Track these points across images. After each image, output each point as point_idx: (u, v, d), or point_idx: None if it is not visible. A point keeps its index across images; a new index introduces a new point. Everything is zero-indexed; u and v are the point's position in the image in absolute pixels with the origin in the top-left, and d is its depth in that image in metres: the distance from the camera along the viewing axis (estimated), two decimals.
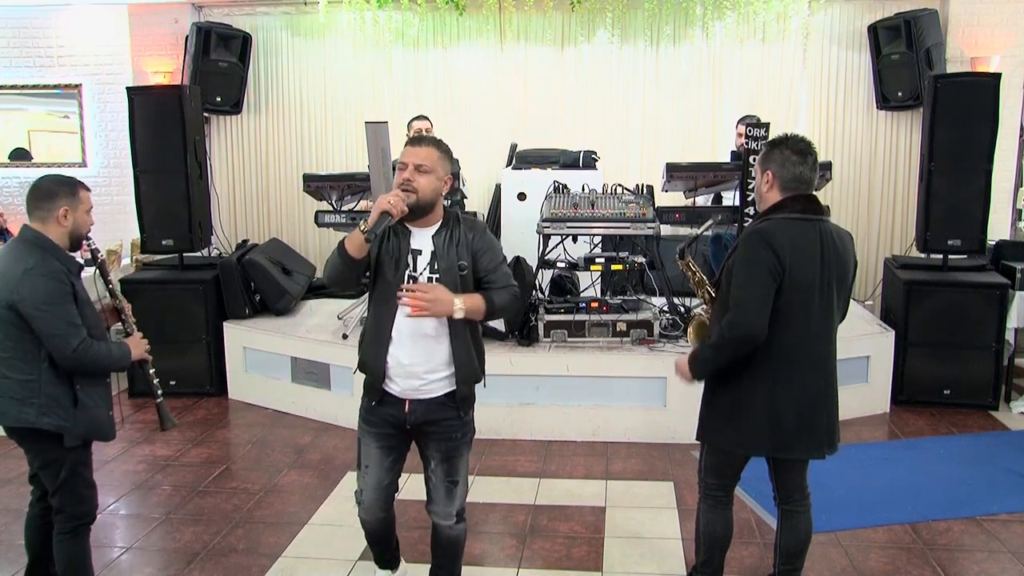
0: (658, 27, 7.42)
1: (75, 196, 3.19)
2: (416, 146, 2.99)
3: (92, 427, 3.15)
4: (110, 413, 3.25)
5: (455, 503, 3.14)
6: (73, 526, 3.18)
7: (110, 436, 3.27)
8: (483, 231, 3.09)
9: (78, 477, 3.16)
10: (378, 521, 3.24)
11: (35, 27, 7.67)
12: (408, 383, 3.01)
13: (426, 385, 3.01)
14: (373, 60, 7.70)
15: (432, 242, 3.00)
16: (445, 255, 2.98)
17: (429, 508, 3.18)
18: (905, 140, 7.30)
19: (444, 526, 3.18)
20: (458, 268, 2.98)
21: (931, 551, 3.89)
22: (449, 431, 3.07)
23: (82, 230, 3.24)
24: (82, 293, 3.13)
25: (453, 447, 3.09)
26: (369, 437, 3.12)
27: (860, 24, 7.24)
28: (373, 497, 3.16)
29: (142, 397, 6.21)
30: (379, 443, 3.10)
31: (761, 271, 2.89)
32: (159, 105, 6.21)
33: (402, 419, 3.04)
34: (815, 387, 3.01)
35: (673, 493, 4.53)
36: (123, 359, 3.25)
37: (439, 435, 3.07)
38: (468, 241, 3.02)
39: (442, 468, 3.10)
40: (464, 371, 3.03)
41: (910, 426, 5.50)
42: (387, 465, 3.13)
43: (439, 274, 2.97)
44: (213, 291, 6.18)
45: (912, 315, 5.78)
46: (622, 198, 5.58)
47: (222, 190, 7.91)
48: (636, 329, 5.45)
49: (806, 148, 3.01)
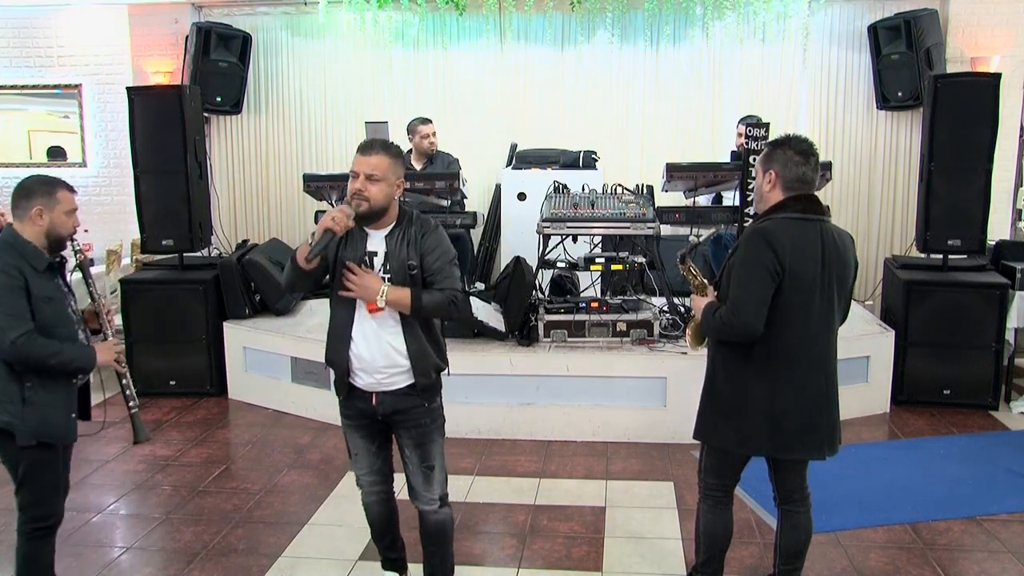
0: (658, 27, 7.42)
1: (52, 196, 3.13)
2: (366, 155, 3.04)
3: (43, 428, 3.07)
4: (72, 415, 3.19)
5: (434, 488, 3.26)
6: (31, 528, 3.14)
7: (66, 439, 3.19)
8: (433, 230, 3.16)
9: (37, 478, 3.12)
10: (380, 501, 3.38)
11: (35, 27, 7.67)
12: (371, 378, 3.13)
13: (387, 379, 3.13)
14: (373, 60, 7.70)
15: (385, 243, 3.10)
16: (396, 255, 3.08)
17: (412, 498, 3.30)
18: (905, 140, 7.30)
19: (428, 511, 3.29)
20: (407, 268, 3.07)
21: (931, 551, 3.89)
22: (417, 418, 3.19)
23: (60, 231, 3.17)
24: (40, 290, 3.05)
25: (424, 433, 3.20)
26: (350, 429, 3.28)
27: (860, 24, 7.24)
28: (369, 478, 3.33)
29: (143, 397, 6.19)
30: (360, 432, 3.27)
31: (760, 271, 2.89)
32: (159, 105, 6.21)
33: (372, 411, 3.18)
34: (816, 387, 3.01)
35: (673, 493, 4.53)
36: (78, 360, 3.14)
37: (408, 423, 3.19)
38: (417, 241, 3.10)
39: (416, 455, 3.22)
40: (420, 363, 3.13)
41: (910, 426, 5.50)
42: (373, 450, 3.30)
43: (391, 274, 3.07)
44: (213, 291, 6.18)
45: (912, 315, 5.78)
46: (622, 198, 5.58)
47: (222, 190, 7.91)
48: (636, 329, 5.45)
49: (808, 149, 3.01)
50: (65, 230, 3.20)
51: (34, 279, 3.04)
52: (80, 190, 7.78)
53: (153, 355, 6.24)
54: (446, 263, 3.14)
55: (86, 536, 4.13)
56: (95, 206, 7.87)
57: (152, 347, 6.24)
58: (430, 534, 3.36)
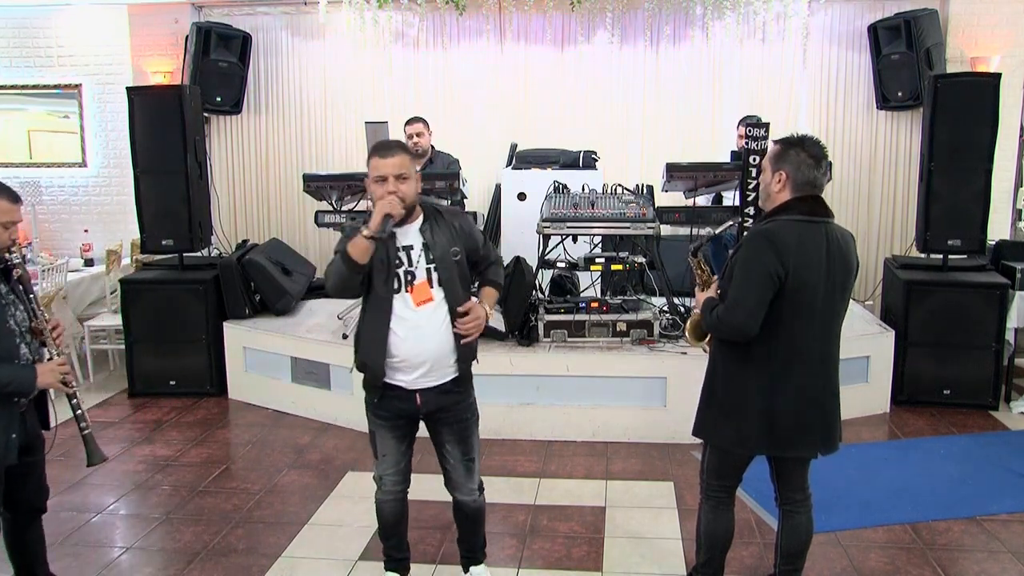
0: (658, 27, 7.42)
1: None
2: (387, 157, 3.09)
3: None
4: (11, 436, 3.01)
5: (475, 478, 3.37)
6: None
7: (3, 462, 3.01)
8: (463, 215, 3.30)
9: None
10: (397, 500, 3.41)
11: (35, 27, 7.66)
12: (415, 375, 3.15)
13: (432, 373, 3.15)
14: (373, 60, 7.70)
15: (420, 235, 3.14)
16: (437, 245, 3.13)
17: (451, 488, 3.39)
18: (905, 140, 7.30)
19: (468, 501, 3.39)
20: (451, 255, 3.14)
21: (931, 551, 3.89)
22: (459, 413, 3.27)
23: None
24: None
25: (465, 427, 3.30)
26: (382, 429, 3.28)
27: (860, 24, 7.24)
28: (393, 478, 3.36)
29: (141, 397, 6.21)
30: (393, 433, 3.28)
31: (761, 273, 2.88)
32: (159, 105, 6.21)
33: (414, 410, 3.22)
34: (815, 388, 3.01)
35: (673, 493, 4.53)
36: (15, 384, 2.97)
37: (451, 419, 3.26)
38: (454, 228, 3.19)
39: (459, 449, 3.30)
40: (464, 352, 3.20)
41: (910, 426, 5.51)
42: (402, 450, 3.33)
43: (435, 263, 3.11)
44: (213, 291, 6.18)
45: (912, 315, 5.78)
46: (622, 198, 5.58)
47: (222, 190, 7.91)
48: (636, 329, 5.45)
49: (821, 153, 2.99)
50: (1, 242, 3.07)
51: None
52: (80, 190, 7.86)
53: (153, 355, 6.24)
54: (482, 237, 3.30)
55: (86, 536, 4.13)
56: (95, 206, 7.88)
57: (152, 347, 6.24)
58: (470, 520, 3.47)
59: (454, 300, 3.14)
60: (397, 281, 3.10)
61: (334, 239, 7.82)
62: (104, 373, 6.88)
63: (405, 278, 3.10)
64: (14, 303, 3.12)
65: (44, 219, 7.80)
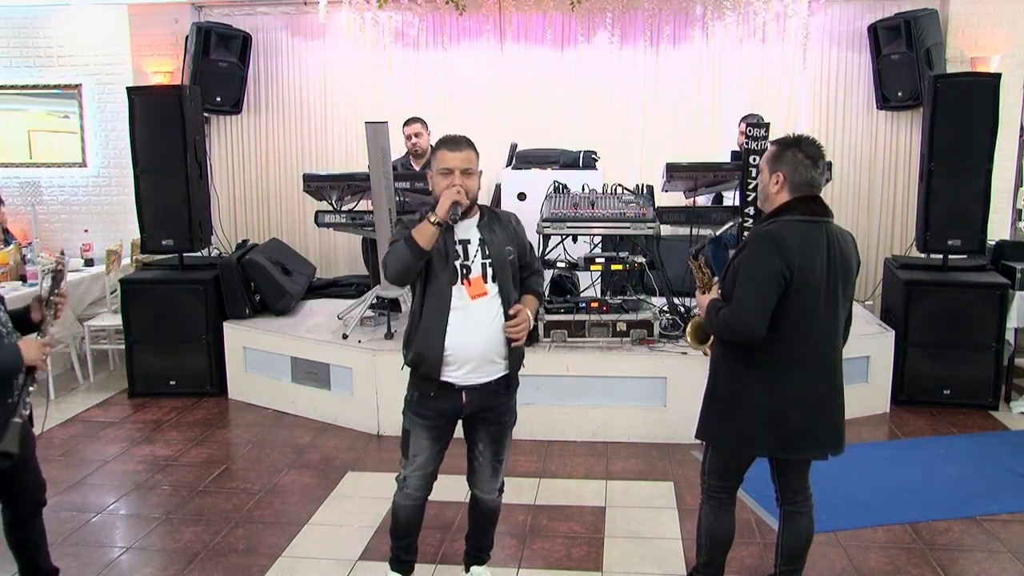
0: (658, 27, 7.42)
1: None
2: (456, 150, 3.15)
3: None
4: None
5: (499, 479, 3.43)
6: None
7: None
8: (517, 219, 3.36)
9: None
10: (416, 506, 3.38)
11: (35, 27, 7.66)
12: (465, 370, 3.16)
13: (481, 369, 3.17)
14: (373, 60, 7.70)
15: (478, 232, 3.20)
16: (493, 241, 3.19)
17: (473, 484, 3.43)
18: (905, 140, 7.30)
19: (488, 500, 3.44)
20: (506, 253, 3.20)
21: (931, 551, 3.89)
22: (501, 415, 3.31)
23: None
24: None
25: (501, 430, 3.34)
26: (420, 429, 3.25)
27: (860, 24, 7.24)
28: (418, 482, 3.32)
29: (142, 397, 6.21)
30: (430, 434, 3.26)
31: (767, 274, 2.87)
32: (159, 105, 6.21)
33: (458, 409, 3.22)
34: (818, 390, 3.00)
35: (673, 493, 4.53)
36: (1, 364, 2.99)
37: (491, 420, 3.30)
38: (510, 228, 3.27)
39: (490, 450, 3.35)
40: (516, 353, 3.24)
41: (910, 426, 5.51)
42: (435, 452, 3.30)
43: (491, 259, 3.17)
44: (213, 291, 6.18)
45: (912, 315, 5.78)
46: (622, 198, 5.58)
47: (222, 190, 7.91)
48: (636, 329, 5.45)
49: (817, 153, 3.00)
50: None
51: None
52: (80, 190, 7.86)
53: (153, 355, 6.24)
54: (530, 244, 3.41)
55: (86, 536, 4.13)
56: (95, 206, 7.88)
57: (152, 347, 6.24)
58: (485, 517, 3.51)
59: (507, 298, 3.18)
60: (454, 273, 3.14)
61: (334, 239, 7.88)
62: (104, 373, 6.88)
63: (461, 271, 3.14)
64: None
65: (44, 219, 7.79)
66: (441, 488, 4.39)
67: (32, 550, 3.36)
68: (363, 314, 5.92)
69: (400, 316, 6.00)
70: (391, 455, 5.05)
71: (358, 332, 5.74)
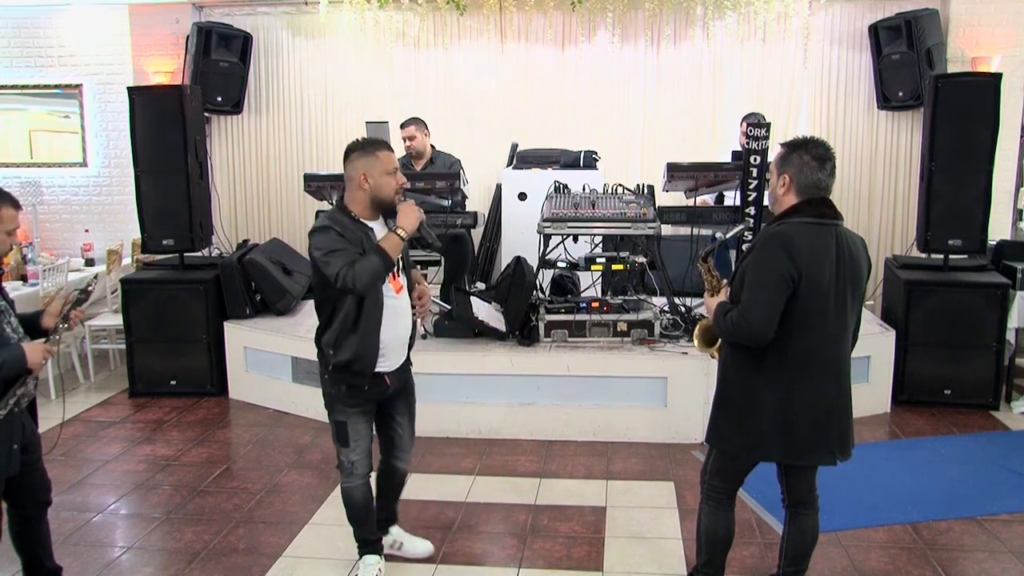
0: (659, 27, 7.42)
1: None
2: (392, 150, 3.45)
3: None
4: (13, 447, 3.04)
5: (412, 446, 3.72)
6: None
7: (5, 473, 3.04)
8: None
9: None
10: (368, 484, 3.57)
11: (36, 27, 7.66)
12: (396, 358, 3.45)
13: (402, 352, 3.50)
14: (374, 60, 7.70)
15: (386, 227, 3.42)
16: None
17: (394, 456, 3.66)
18: (906, 140, 7.30)
19: (405, 468, 3.71)
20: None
21: (932, 551, 3.89)
22: (412, 387, 3.66)
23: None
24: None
25: (413, 399, 3.68)
26: (356, 417, 3.43)
27: (861, 24, 7.24)
28: (365, 461, 3.50)
29: (142, 396, 6.21)
30: (366, 419, 3.48)
31: (775, 276, 2.85)
32: (160, 105, 6.21)
33: (384, 391, 3.46)
34: (828, 393, 2.99)
35: (674, 493, 4.53)
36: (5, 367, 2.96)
37: (406, 393, 3.61)
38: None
39: (407, 419, 3.64)
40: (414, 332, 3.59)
41: (910, 426, 5.50)
42: (371, 434, 3.54)
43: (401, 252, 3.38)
44: (214, 291, 6.18)
45: (913, 315, 5.78)
46: (623, 198, 5.58)
47: (223, 190, 7.92)
48: (637, 329, 5.45)
49: (825, 154, 2.97)
50: (2, 248, 3.12)
51: None
52: (81, 190, 7.86)
53: (154, 355, 6.25)
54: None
55: (86, 536, 4.13)
56: (96, 206, 7.88)
57: (153, 347, 6.24)
58: (400, 484, 3.78)
59: (410, 283, 3.50)
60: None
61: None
62: (105, 373, 6.88)
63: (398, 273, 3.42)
64: (6, 311, 3.14)
65: (45, 219, 7.80)
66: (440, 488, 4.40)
67: (37, 549, 3.37)
68: None
69: None
70: None
71: None
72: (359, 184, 3.31)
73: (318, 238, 3.22)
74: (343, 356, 3.29)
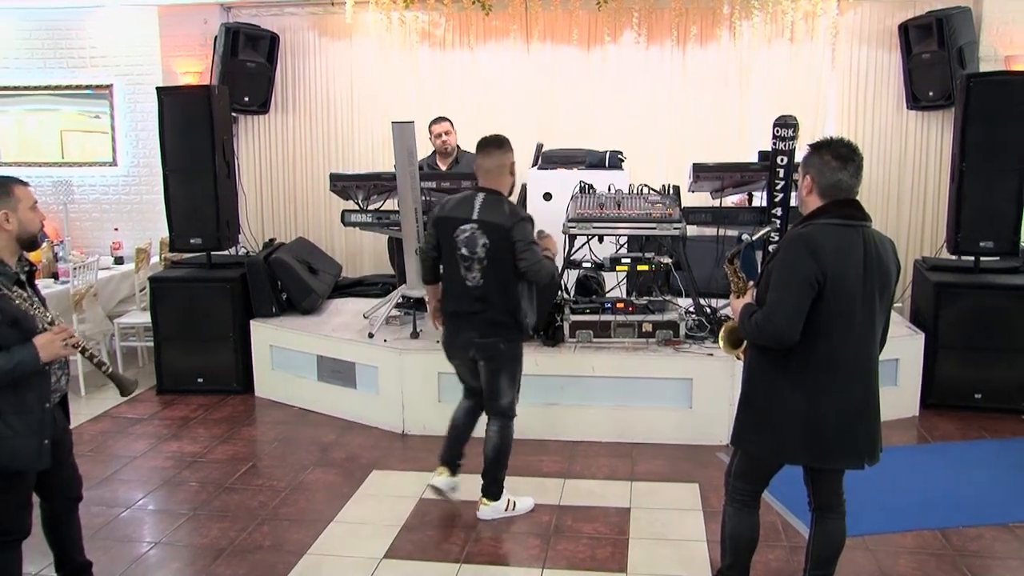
0: (685, 27, 7.37)
1: (11, 196, 3.03)
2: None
3: (11, 459, 2.97)
4: (44, 442, 3.03)
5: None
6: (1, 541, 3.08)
7: (37, 467, 3.05)
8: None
9: (6, 499, 3.05)
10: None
11: (68, 28, 7.75)
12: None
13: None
14: (399, 60, 7.72)
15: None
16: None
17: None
18: (936, 140, 7.20)
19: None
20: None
21: (962, 557, 3.83)
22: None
23: (31, 228, 3.09)
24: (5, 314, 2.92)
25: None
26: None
27: (890, 23, 7.15)
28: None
29: (170, 393, 6.27)
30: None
31: (800, 278, 2.83)
32: (188, 105, 6.28)
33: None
34: (855, 397, 2.96)
35: (698, 495, 4.50)
36: (21, 366, 2.93)
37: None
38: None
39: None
40: None
41: (939, 430, 5.43)
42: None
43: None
44: (240, 289, 6.23)
45: (942, 318, 5.71)
46: (648, 198, 5.56)
47: (249, 189, 7.97)
48: (662, 330, 5.43)
49: (848, 154, 2.93)
50: (35, 226, 3.12)
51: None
52: (110, 189, 7.95)
53: (181, 352, 6.31)
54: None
55: (115, 530, 4.18)
56: (125, 205, 7.96)
57: (180, 344, 6.30)
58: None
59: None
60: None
61: (360, 238, 7.89)
62: (133, 370, 6.95)
63: None
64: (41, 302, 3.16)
65: (75, 218, 7.89)
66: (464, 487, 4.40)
67: (68, 544, 3.41)
68: (389, 313, 5.94)
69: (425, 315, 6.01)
70: (416, 454, 5.07)
71: (384, 331, 5.76)
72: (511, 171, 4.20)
73: (529, 229, 4.04)
74: (532, 319, 4.18)
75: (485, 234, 3.97)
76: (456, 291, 4.10)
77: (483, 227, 3.98)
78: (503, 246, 3.95)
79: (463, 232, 4.00)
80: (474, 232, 3.98)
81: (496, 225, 3.96)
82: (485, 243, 3.97)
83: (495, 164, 4.11)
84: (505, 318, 4.04)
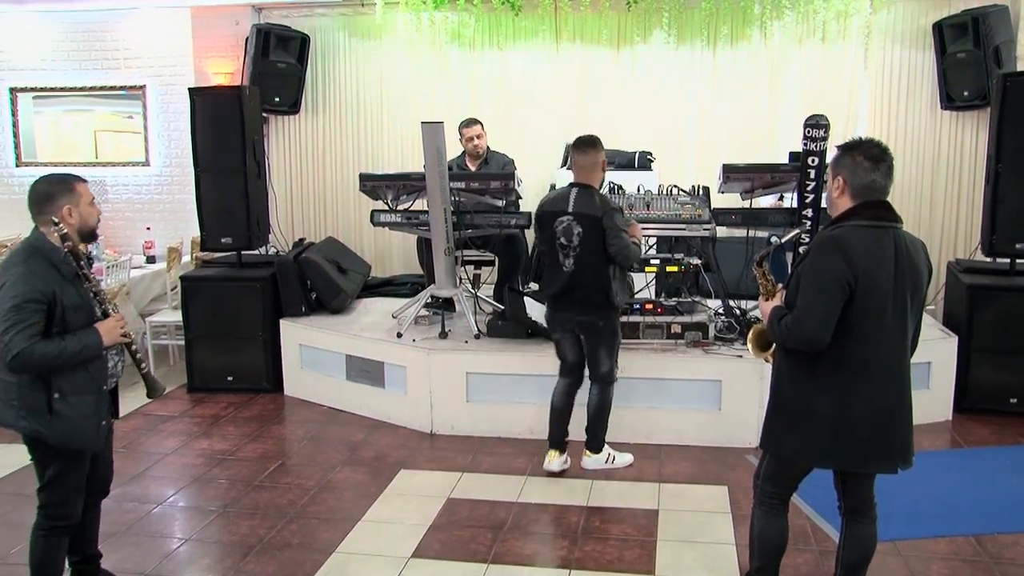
0: (715, 27, 7.33)
1: (73, 192, 3.17)
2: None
3: (70, 437, 3.09)
4: (101, 423, 3.18)
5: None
6: (50, 526, 3.17)
7: (94, 447, 3.20)
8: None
9: (63, 480, 3.15)
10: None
11: (103, 30, 7.86)
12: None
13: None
14: (429, 61, 7.75)
15: None
16: None
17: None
18: (971, 141, 7.10)
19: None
20: None
21: (997, 564, 3.77)
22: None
23: (90, 222, 3.24)
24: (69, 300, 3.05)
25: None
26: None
27: (924, 22, 7.06)
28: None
29: (200, 392, 6.33)
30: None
31: (830, 281, 2.80)
32: (219, 105, 6.33)
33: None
34: (887, 400, 2.92)
35: (727, 497, 4.47)
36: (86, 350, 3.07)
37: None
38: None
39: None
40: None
41: (973, 435, 5.35)
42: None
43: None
44: (270, 289, 6.27)
45: (976, 321, 5.62)
46: (677, 199, 5.53)
47: (280, 189, 8.03)
48: (691, 331, 5.39)
49: (879, 155, 2.89)
50: (93, 220, 3.27)
51: (62, 289, 3.04)
52: (143, 189, 8.05)
53: (211, 351, 6.36)
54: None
55: (146, 527, 4.23)
56: (157, 204, 8.05)
57: (210, 343, 6.36)
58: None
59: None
60: None
61: (390, 238, 7.92)
62: (164, 368, 7.03)
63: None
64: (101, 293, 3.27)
65: (109, 217, 7.98)
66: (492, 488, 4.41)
67: (84, 535, 3.45)
68: (417, 313, 5.96)
69: (454, 315, 6.03)
70: (443, 453, 5.09)
71: (412, 331, 5.78)
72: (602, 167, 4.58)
73: (618, 218, 4.43)
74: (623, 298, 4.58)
75: (580, 224, 4.41)
76: (556, 276, 4.56)
77: (578, 218, 4.43)
78: (595, 234, 4.39)
79: (561, 223, 4.47)
80: (570, 223, 4.44)
81: (589, 216, 4.40)
82: (579, 232, 4.42)
83: (590, 161, 4.53)
84: (599, 298, 4.49)
